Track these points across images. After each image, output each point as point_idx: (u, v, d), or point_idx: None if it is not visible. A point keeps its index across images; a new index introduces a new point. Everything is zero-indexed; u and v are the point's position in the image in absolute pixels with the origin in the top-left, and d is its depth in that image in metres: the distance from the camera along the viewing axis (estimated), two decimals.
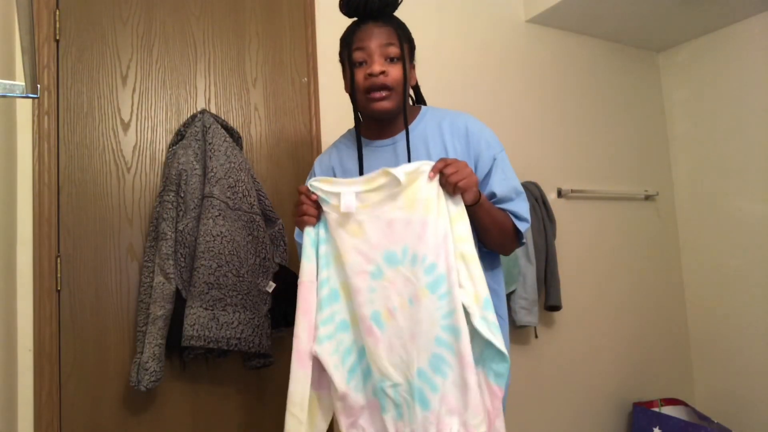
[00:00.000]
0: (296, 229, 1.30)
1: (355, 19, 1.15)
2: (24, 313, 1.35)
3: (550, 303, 2.10)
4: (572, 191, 2.34)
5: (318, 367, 1.03)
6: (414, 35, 1.18)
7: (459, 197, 1.00)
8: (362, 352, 1.04)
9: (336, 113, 1.82)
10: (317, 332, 1.02)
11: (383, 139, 1.18)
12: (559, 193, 2.33)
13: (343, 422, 1.03)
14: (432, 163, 0.99)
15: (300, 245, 1.13)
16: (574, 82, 2.47)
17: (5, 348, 1.21)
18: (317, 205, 1.05)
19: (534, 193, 2.13)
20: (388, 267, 1.00)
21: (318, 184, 1.04)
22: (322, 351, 1.01)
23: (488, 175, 1.13)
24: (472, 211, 1.04)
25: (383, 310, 1.00)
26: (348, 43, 1.12)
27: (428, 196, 0.98)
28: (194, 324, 1.37)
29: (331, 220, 1.04)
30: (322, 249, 1.05)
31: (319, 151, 1.79)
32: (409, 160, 1.09)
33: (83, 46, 1.50)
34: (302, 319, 1.03)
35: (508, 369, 0.98)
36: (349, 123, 1.25)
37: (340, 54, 1.17)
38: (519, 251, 2.02)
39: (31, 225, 1.38)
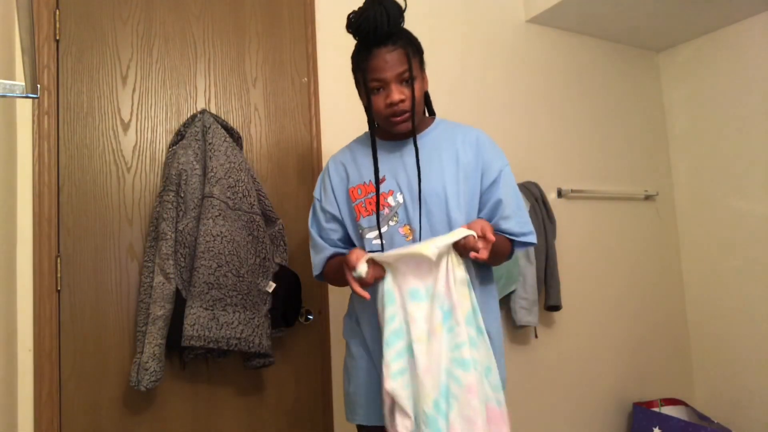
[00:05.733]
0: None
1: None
2: (24, 313, 1.35)
3: (550, 303, 2.10)
4: (572, 191, 2.34)
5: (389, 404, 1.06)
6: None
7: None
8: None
9: (336, 113, 1.82)
10: (389, 369, 1.05)
11: (395, 141, 1.24)
12: (559, 193, 2.33)
13: None
14: (461, 234, 1.03)
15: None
16: (574, 82, 2.47)
17: (5, 348, 1.21)
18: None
19: (534, 193, 2.12)
20: (412, 302, 1.07)
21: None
22: (396, 386, 1.04)
23: (494, 183, 1.20)
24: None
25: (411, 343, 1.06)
26: (362, 69, 1.14)
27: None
28: (194, 324, 1.37)
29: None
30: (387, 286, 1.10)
31: (319, 151, 1.79)
32: (417, 164, 1.15)
33: (83, 46, 1.50)
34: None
35: (504, 381, 1.03)
36: (349, 123, 1.27)
37: (354, 73, 1.20)
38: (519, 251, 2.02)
39: (31, 225, 1.38)
